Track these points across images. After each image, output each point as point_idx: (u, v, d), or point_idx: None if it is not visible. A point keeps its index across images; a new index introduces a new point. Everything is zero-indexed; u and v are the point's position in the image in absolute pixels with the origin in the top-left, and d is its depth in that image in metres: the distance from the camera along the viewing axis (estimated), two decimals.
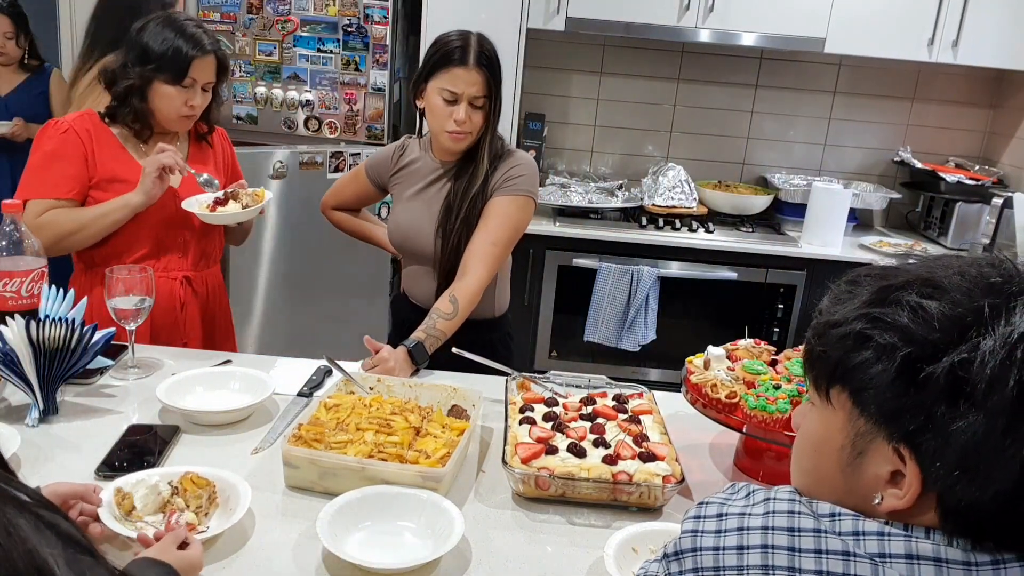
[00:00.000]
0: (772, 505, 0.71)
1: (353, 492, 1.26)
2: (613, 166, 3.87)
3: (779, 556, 0.67)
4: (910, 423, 0.66)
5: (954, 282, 0.68)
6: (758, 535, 0.69)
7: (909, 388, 0.66)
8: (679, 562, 0.73)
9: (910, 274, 0.71)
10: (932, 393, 0.65)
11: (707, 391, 1.47)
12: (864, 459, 0.71)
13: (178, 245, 1.99)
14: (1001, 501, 0.65)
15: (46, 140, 1.89)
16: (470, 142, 1.90)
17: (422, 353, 1.76)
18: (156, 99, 1.88)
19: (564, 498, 1.35)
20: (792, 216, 3.54)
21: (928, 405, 0.65)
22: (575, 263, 3.30)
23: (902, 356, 0.66)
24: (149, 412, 1.57)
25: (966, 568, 0.65)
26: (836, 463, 0.73)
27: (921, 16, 3.24)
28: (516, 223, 1.93)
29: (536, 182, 1.98)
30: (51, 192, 1.85)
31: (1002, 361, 0.63)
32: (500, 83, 1.88)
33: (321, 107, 3.14)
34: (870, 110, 3.76)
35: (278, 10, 3.06)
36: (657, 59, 3.70)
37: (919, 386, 0.66)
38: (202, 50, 1.87)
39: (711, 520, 0.73)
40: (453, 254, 1.92)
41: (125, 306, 1.68)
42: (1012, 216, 3.09)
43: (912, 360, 0.66)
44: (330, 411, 1.46)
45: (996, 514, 0.65)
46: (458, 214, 1.91)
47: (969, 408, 0.64)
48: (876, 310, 0.69)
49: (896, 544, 0.66)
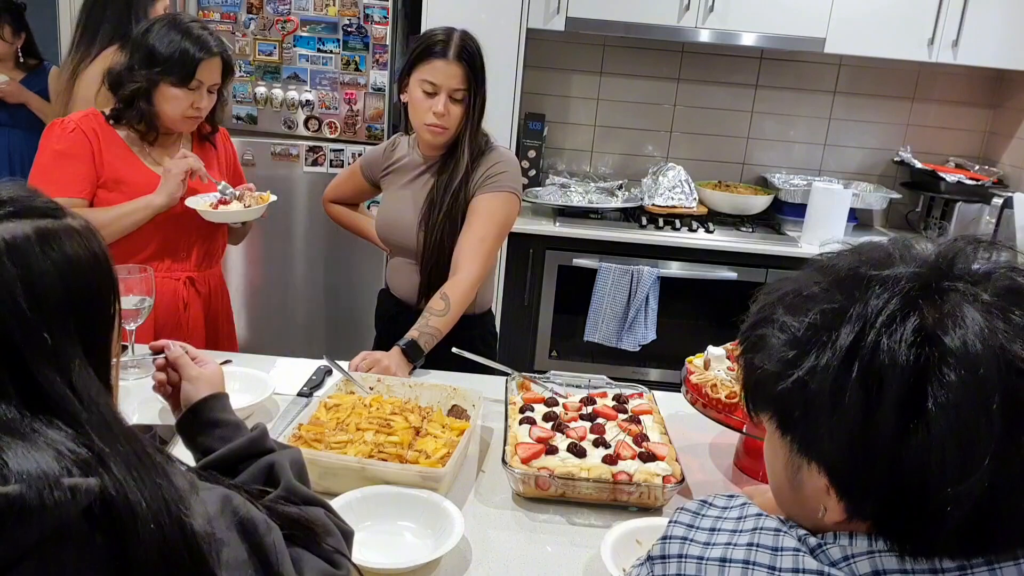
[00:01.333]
0: (762, 521, 0.72)
1: (353, 492, 1.26)
2: (613, 166, 3.87)
3: (758, 572, 0.68)
4: (797, 436, 0.70)
5: (813, 291, 0.70)
6: (742, 551, 0.70)
7: (777, 404, 0.71)
8: (664, 565, 0.74)
9: (782, 289, 0.73)
10: (793, 406, 0.69)
11: (707, 391, 1.47)
12: (802, 473, 0.72)
13: (183, 246, 2.01)
14: (899, 498, 0.64)
15: (54, 139, 1.90)
16: (449, 137, 1.90)
17: (416, 350, 1.76)
18: (162, 101, 1.89)
19: (564, 498, 1.35)
20: (792, 216, 3.54)
21: (797, 418, 0.69)
22: (575, 263, 3.30)
23: (765, 376, 0.71)
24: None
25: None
26: (786, 480, 0.75)
27: (921, 16, 3.24)
28: (502, 219, 1.94)
29: (518, 178, 1.99)
30: (64, 191, 1.86)
31: (837, 370, 0.65)
32: (482, 79, 1.88)
33: (321, 107, 3.14)
34: (870, 110, 3.75)
35: (278, 10, 3.06)
36: (657, 59, 3.70)
37: (780, 400, 0.70)
38: (208, 52, 1.88)
39: (703, 532, 0.74)
40: (436, 249, 1.94)
41: (125, 306, 1.68)
42: (1012, 216, 3.09)
43: (769, 378, 0.70)
44: (330, 411, 1.46)
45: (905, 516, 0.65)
46: (440, 208, 1.93)
47: (826, 417, 0.66)
48: (752, 333, 0.74)
49: (862, 564, 0.67)
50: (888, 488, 0.64)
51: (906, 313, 0.63)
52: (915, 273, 0.66)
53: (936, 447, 0.61)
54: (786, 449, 0.73)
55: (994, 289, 0.64)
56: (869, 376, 0.63)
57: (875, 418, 0.63)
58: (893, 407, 0.62)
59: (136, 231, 1.92)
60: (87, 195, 1.90)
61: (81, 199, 1.89)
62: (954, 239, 0.70)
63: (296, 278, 3.30)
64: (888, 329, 0.63)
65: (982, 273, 0.66)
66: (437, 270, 1.95)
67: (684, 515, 0.77)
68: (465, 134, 1.90)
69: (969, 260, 0.67)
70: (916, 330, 0.62)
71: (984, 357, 0.61)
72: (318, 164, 3.17)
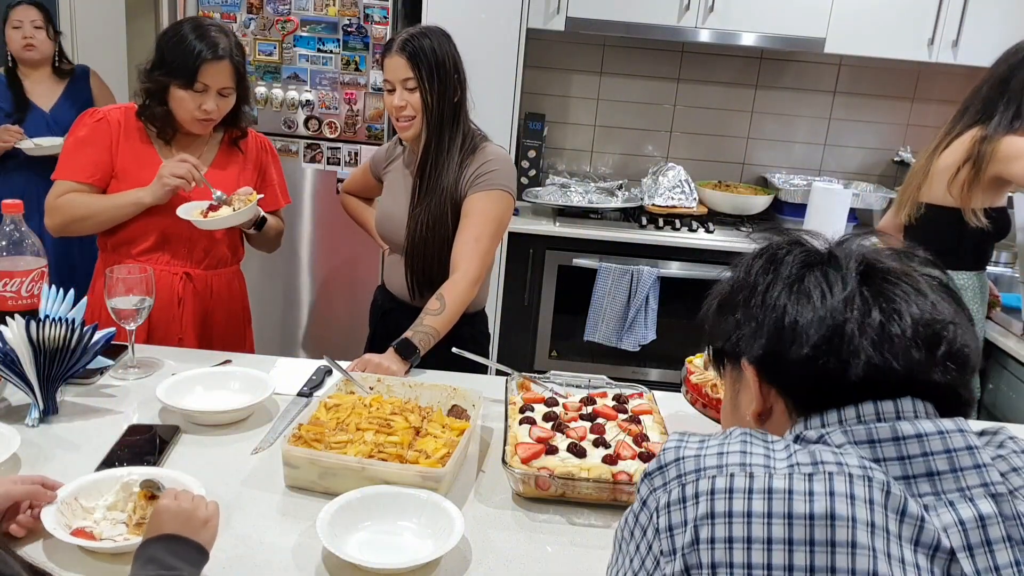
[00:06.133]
0: (748, 430, 0.78)
1: (353, 492, 1.26)
2: (613, 166, 3.87)
3: (756, 456, 0.73)
4: (730, 335, 0.87)
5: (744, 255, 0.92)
6: (737, 444, 0.75)
7: (723, 315, 0.89)
8: (663, 474, 0.76)
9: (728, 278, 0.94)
10: (728, 310, 0.88)
11: (707, 391, 1.47)
12: (740, 394, 0.88)
13: (183, 241, 2.01)
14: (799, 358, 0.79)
15: (80, 126, 1.99)
16: (418, 127, 1.92)
17: (409, 347, 1.76)
18: (172, 102, 1.94)
19: (564, 498, 1.35)
20: (792, 216, 3.53)
21: (731, 325, 0.87)
22: (575, 263, 3.30)
23: (717, 299, 0.92)
24: (149, 412, 1.57)
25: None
26: (731, 410, 0.92)
27: (921, 16, 3.24)
28: (496, 217, 1.94)
29: (511, 177, 1.98)
30: (74, 175, 1.96)
31: (748, 264, 0.88)
32: (435, 69, 1.88)
33: (321, 107, 3.14)
34: (870, 110, 3.76)
35: (278, 10, 3.07)
36: (657, 59, 3.70)
37: (722, 310, 0.90)
38: (214, 55, 1.89)
39: (694, 441, 0.78)
40: (422, 243, 1.95)
41: (125, 306, 1.68)
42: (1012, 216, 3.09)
43: (721, 296, 0.91)
44: (330, 411, 1.46)
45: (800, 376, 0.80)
46: (420, 201, 1.95)
47: (743, 298, 0.86)
48: (706, 313, 0.95)
49: (835, 436, 0.78)
50: (774, 328, 0.81)
51: (801, 245, 0.88)
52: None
53: (809, 293, 0.81)
54: (731, 373, 0.89)
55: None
56: (770, 264, 0.86)
57: (771, 283, 0.83)
58: (784, 278, 0.83)
59: (135, 222, 1.97)
60: (97, 182, 1.96)
61: (90, 185, 1.96)
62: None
63: (296, 278, 3.30)
64: (787, 247, 0.87)
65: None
66: (422, 263, 1.97)
67: (671, 438, 0.80)
68: (431, 123, 1.91)
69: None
70: (806, 249, 0.87)
71: (852, 252, 0.85)
72: (315, 161, 3.18)
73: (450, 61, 1.90)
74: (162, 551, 1.02)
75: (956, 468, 0.73)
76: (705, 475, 0.73)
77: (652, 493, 0.76)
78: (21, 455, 1.36)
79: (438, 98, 1.89)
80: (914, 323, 0.77)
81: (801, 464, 0.72)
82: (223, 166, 2.07)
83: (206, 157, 2.05)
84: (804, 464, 0.72)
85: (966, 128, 2.47)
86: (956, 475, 0.73)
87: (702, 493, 0.72)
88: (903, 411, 0.77)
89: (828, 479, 0.70)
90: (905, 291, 0.79)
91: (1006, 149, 2.35)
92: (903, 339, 0.77)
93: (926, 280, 0.82)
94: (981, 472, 0.73)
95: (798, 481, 0.70)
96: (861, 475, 0.70)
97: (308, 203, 3.22)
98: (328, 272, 3.29)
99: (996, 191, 2.46)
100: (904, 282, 0.80)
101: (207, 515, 1.09)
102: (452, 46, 1.92)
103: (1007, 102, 2.40)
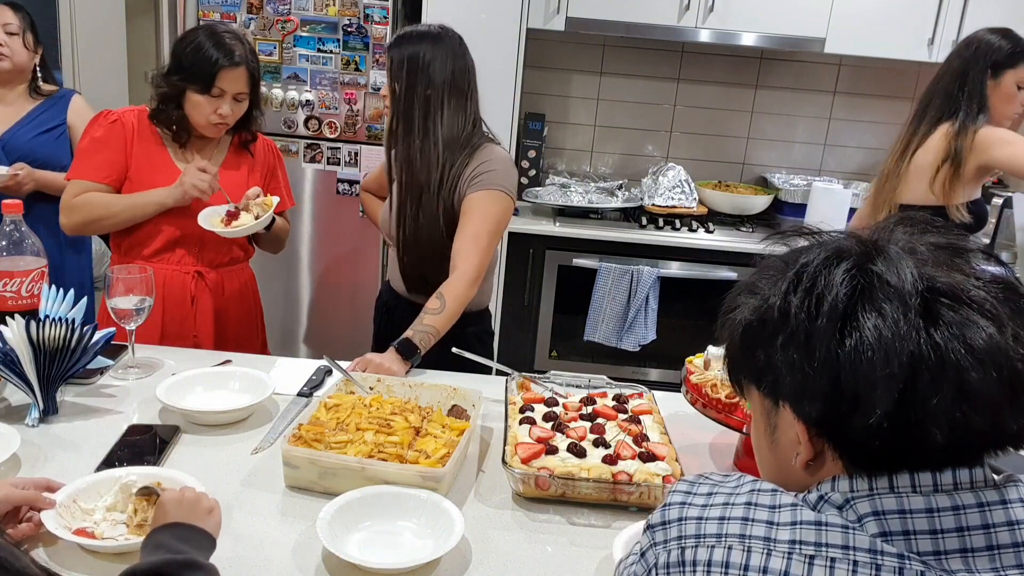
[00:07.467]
0: (758, 484, 0.76)
1: (353, 492, 1.26)
2: (613, 166, 3.87)
3: (758, 525, 0.72)
4: (765, 380, 0.76)
5: (768, 263, 0.81)
6: (741, 509, 0.73)
7: (752, 350, 0.78)
8: (664, 531, 0.76)
9: (741, 282, 0.84)
10: (755, 343, 0.77)
11: (707, 391, 1.47)
12: (778, 431, 0.79)
13: (194, 240, 2.04)
14: (845, 413, 0.70)
15: (96, 127, 2.03)
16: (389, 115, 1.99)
17: (410, 347, 1.76)
18: (188, 106, 1.98)
19: (564, 498, 1.35)
20: (792, 216, 3.53)
21: (762, 362, 0.76)
22: (575, 263, 3.30)
23: (734, 330, 0.80)
24: (149, 412, 1.57)
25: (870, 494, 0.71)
26: (766, 443, 0.81)
27: (921, 16, 3.24)
28: (495, 216, 1.94)
29: (510, 177, 1.98)
30: (91, 175, 1.99)
31: (783, 296, 0.75)
32: (404, 61, 1.92)
33: (321, 107, 3.14)
34: (870, 110, 3.76)
35: (278, 10, 3.06)
36: (657, 59, 3.70)
37: (745, 343, 0.79)
38: (231, 61, 1.93)
39: (700, 497, 0.77)
40: (412, 239, 1.97)
41: (125, 306, 1.68)
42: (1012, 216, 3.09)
43: (748, 327, 0.79)
44: (330, 411, 1.46)
45: (861, 434, 0.70)
46: (408, 196, 1.97)
47: (782, 342, 0.74)
48: (724, 317, 0.84)
49: (862, 505, 0.71)
50: (830, 389, 0.70)
51: (840, 259, 0.73)
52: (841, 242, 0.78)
53: (867, 343, 0.68)
54: (761, 404, 0.80)
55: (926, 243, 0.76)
56: (810, 297, 0.72)
57: (816, 327, 0.71)
58: (829, 318, 0.70)
59: (150, 223, 2.01)
60: (112, 182, 2.00)
61: (106, 185, 1.99)
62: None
63: (296, 278, 3.30)
64: (825, 268, 0.73)
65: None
66: (413, 258, 1.99)
67: (682, 484, 0.80)
68: (397, 111, 1.95)
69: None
70: (848, 267, 0.72)
71: (905, 276, 0.70)
72: (316, 161, 3.17)
73: (424, 58, 1.91)
74: (169, 537, 1.03)
75: (993, 545, 0.69)
76: (704, 543, 0.72)
77: (652, 548, 0.77)
78: (21, 455, 1.36)
79: (405, 87, 1.92)
80: (991, 360, 0.67)
81: (803, 544, 0.69)
82: (233, 168, 2.11)
83: (216, 159, 2.10)
84: (807, 544, 0.69)
85: (933, 125, 2.48)
86: (993, 555, 0.69)
87: (699, 563, 0.71)
88: (960, 481, 0.70)
89: (829, 567, 0.67)
90: (974, 319, 0.68)
91: (984, 138, 2.37)
92: (983, 384, 0.67)
93: (991, 291, 0.70)
94: (1019, 554, 0.69)
95: (796, 564, 0.68)
96: (868, 562, 0.67)
97: (308, 203, 3.22)
98: (328, 272, 3.29)
99: (976, 184, 2.48)
100: (970, 304, 0.69)
101: (211, 504, 1.12)
102: (444, 48, 1.92)
103: (968, 96, 2.42)
